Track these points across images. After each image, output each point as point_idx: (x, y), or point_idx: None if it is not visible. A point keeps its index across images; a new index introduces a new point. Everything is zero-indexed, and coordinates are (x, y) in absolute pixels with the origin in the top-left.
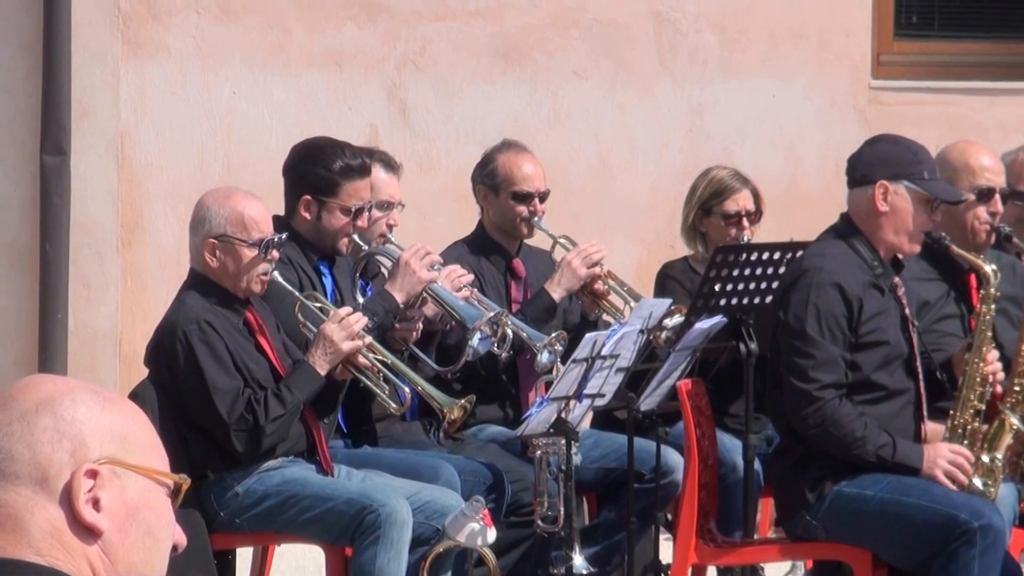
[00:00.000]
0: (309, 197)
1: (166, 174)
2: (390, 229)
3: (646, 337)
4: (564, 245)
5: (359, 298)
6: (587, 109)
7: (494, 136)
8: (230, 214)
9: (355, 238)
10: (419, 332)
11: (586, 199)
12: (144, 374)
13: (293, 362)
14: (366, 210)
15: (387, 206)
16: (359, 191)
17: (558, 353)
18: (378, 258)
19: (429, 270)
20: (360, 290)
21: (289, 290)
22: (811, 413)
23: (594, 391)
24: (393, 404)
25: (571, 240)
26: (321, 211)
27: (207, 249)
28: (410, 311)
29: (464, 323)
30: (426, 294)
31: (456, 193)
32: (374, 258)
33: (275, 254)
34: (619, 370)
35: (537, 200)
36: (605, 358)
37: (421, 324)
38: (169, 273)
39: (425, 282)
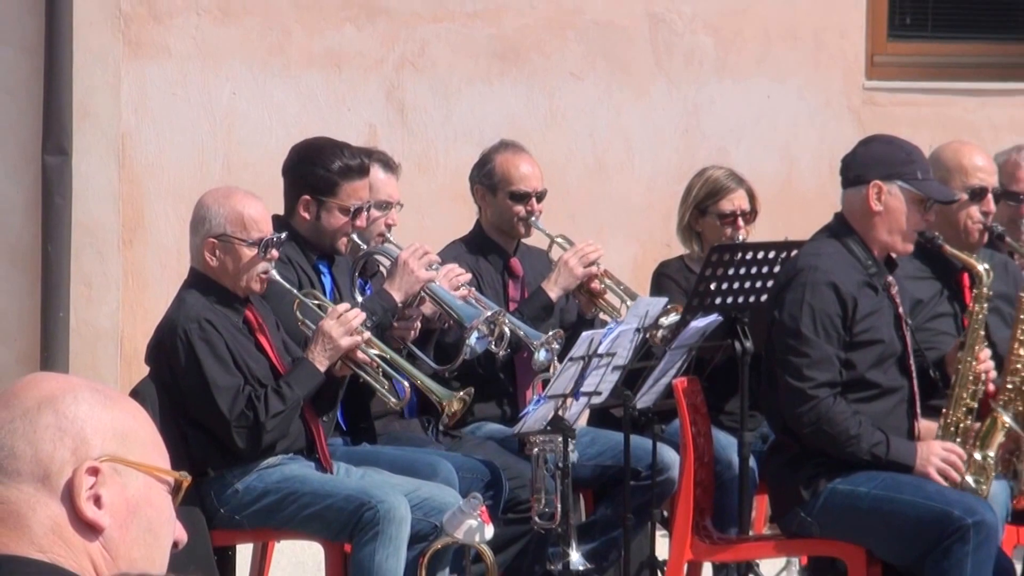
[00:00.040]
0: (308, 197)
1: (167, 174)
2: (389, 229)
3: (642, 335)
4: (561, 245)
5: (358, 297)
6: (584, 109)
7: (492, 136)
8: (230, 214)
9: (354, 237)
10: (417, 331)
11: (583, 199)
12: (145, 372)
13: (292, 360)
14: (365, 210)
15: (386, 206)
16: (358, 191)
17: (555, 351)
18: (377, 257)
19: (427, 269)
20: (359, 289)
21: (287, 288)
22: (806, 411)
23: (591, 389)
24: (392, 398)
25: (568, 239)
26: (320, 211)
27: (207, 248)
28: (408, 310)
29: (462, 322)
30: (424, 293)
31: (454, 193)
32: (373, 257)
33: (274, 253)
34: (615, 368)
35: (534, 200)
36: (602, 356)
37: (419, 323)
38: (170, 272)
39: (423, 281)
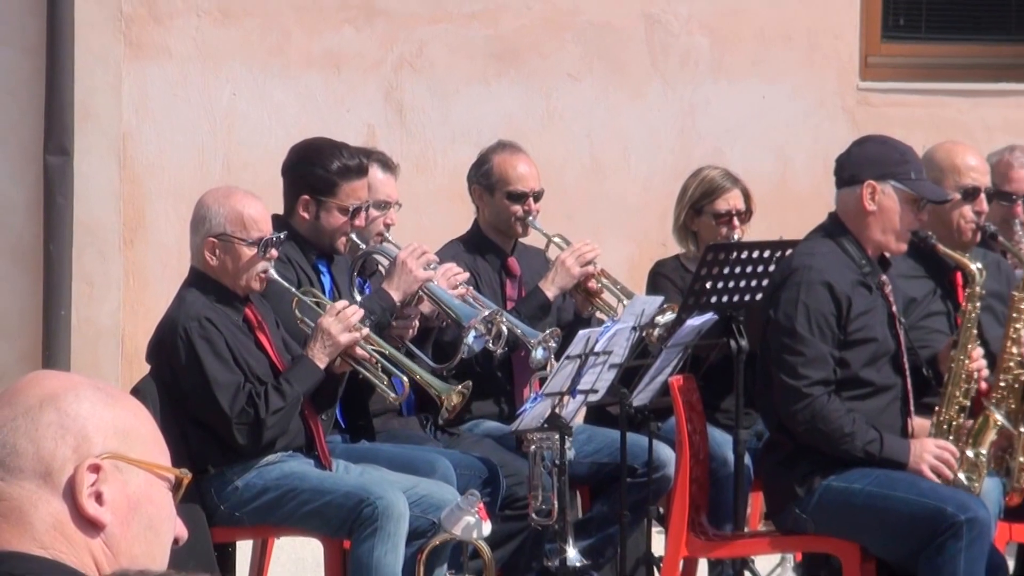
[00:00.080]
0: (307, 197)
1: (167, 174)
2: (387, 228)
3: (639, 334)
4: (558, 244)
5: (357, 296)
6: (580, 110)
7: (489, 137)
8: (230, 213)
9: (353, 237)
10: (415, 330)
11: (579, 199)
12: (146, 370)
13: (292, 357)
14: (363, 209)
15: (384, 205)
16: (356, 191)
17: (552, 350)
18: (375, 257)
19: (425, 269)
20: (358, 288)
21: (286, 287)
22: (800, 409)
23: (587, 387)
24: (392, 394)
25: (565, 239)
26: (319, 210)
27: (207, 247)
28: (407, 309)
29: (460, 321)
30: (422, 292)
31: (452, 193)
32: (371, 257)
33: (274, 252)
34: (612, 366)
35: (531, 200)
36: (598, 354)
37: (417, 322)
38: (170, 271)
39: (421, 281)
